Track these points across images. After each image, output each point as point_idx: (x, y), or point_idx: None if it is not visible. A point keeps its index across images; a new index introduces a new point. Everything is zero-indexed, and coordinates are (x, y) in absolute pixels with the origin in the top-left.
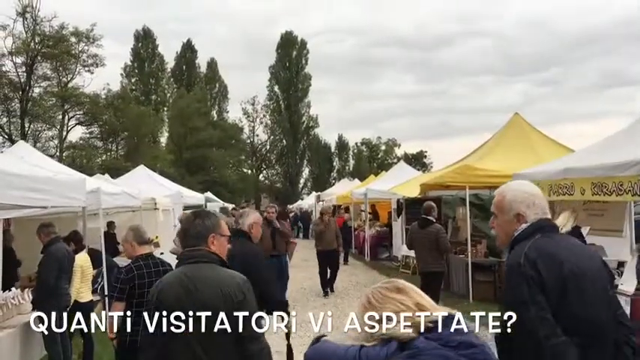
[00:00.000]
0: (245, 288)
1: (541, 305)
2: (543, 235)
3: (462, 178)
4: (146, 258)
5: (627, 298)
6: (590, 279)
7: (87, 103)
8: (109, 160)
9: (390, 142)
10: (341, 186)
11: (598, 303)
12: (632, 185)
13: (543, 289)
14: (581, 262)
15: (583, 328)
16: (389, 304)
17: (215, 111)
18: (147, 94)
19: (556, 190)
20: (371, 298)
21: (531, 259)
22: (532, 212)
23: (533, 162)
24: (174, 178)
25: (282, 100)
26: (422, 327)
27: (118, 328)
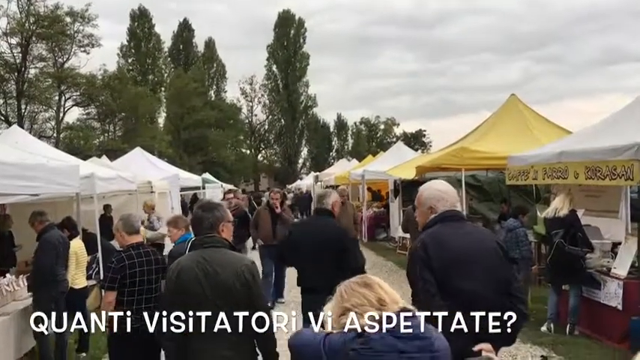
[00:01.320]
0: (253, 269)
1: (426, 280)
2: (443, 224)
3: (458, 160)
4: (137, 247)
5: (620, 282)
6: (474, 259)
7: (83, 84)
8: (106, 141)
9: (389, 121)
10: (339, 166)
11: (479, 278)
12: (626, 170)
13: (431, 267)
14: (468, 246)
15: (464, 297)
16: (354, 298)
17: (213, 91)
18: (144, 74)
19: (550, 173)
20: (342, 291)
21: (424, 244)
22: (441, 205)
23: (529, 143)
24: (172, 159)
25: (281, 79)
26: (379, 319)
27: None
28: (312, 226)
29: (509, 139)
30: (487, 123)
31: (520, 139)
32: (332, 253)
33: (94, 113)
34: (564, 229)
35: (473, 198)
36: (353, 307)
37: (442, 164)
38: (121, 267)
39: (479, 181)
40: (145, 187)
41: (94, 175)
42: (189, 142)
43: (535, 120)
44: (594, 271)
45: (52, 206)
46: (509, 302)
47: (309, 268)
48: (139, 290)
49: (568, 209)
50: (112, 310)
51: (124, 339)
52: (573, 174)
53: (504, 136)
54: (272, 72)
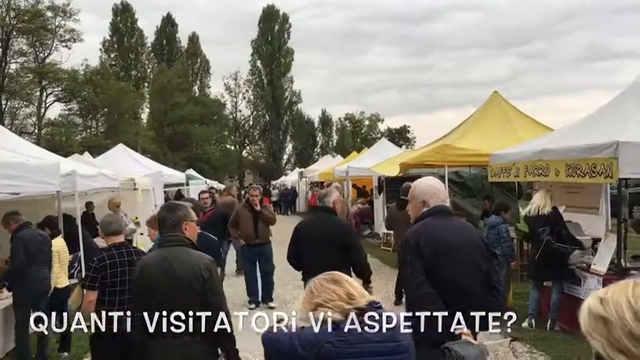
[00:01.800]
0: (211, 267)
1: (416, 267)
2: (434, 217)
3: (441, 157)
4: (119, 247)
5: (600, 278)
6: (460, 251)
7: (65, 79)
8: (88, 138)
9: (373, 117)
10: (324, 162)
11: (464, 269)
12: (605, 167)
13: (421, 256)
14: (455, 239)
15: (450, 285)
16: (324, 293)
17: (197, 86)
18: (126, 70)
19: (532, 170)
20: (312, 288)
21: (416, 235)
22: (433, 200)
23: (511, 140)
24: (155, 155)
25: (265, 75)
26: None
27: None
28: (315, 224)
29: (491, 136)
30: (470, 120)
31: (502, 136)
32: (336, 249)
33: (76, 109)
34: (550, 226)
35: (456, 194)
36: (324, 302)
37: (426, 161)
38: (102, 266)
39: (462, 178)
40: (127, 184)
41: (75, 172)
42: (173, 138)
43: (517, 117)
44: (575, 267)
45: (33, 204)
46: (490, 293)
47: (314, 265)
48: (120, 290)
49: (550, 206)
50: (94, 310)
51: (106, 339)
52: (554, 171)
53: (487, 133)
54: (256, 67)
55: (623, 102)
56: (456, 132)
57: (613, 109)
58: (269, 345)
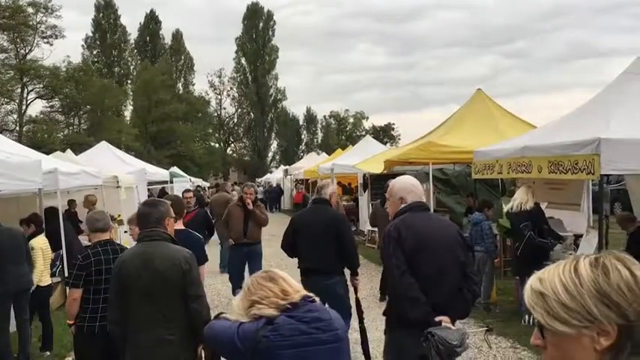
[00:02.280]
0: (190, 260)
1: (398, 257)
2: (412, 213)
3: (426, 154)
4: (104, 244)
5: None
6: (439, 244)
7: (46, 76)
8: (71, 135)
9: (358, 114)
10: (309, 160)
11: (443, 260)
12: (587, 164)
13: (403, 247)
14: (434, 232)
15: (429, 275)
16: (260, 291)
17: (181, 84)
18: (109, 67)
19: (515, 167)
20: (249, 286)
21: (397, 228)
22: (410, 197)
23: (494, 138)
24: (139, 153)
25: (250, 72)
26: (282, 308)
27: (78, 314)
28: (311, 214)
29: (475, 133)
30: (454, 117)
31: (486, 133)
32: (330, 238)
33: (58, 106)
34: (531, 222)
35: (440, 191)
36: (260, 299)
37: (410, 158)
38: (87, 264)
39: (446, 175)
40: (110, 181)
41: (57, 170)
42: (157, 135)
43: (500, 114)
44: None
45: (15, 202)
46: (465, 282)
47: (310, 253)
48: (105, 288)
49: (532, 202)
50: (77, 308)
51: (90, 337)
52: (537, 168)
53: (470, 130)
54: (241, 65)
55: (605, 99)
56: (440, 129)
57: (595, 106)
58: (212, 339)
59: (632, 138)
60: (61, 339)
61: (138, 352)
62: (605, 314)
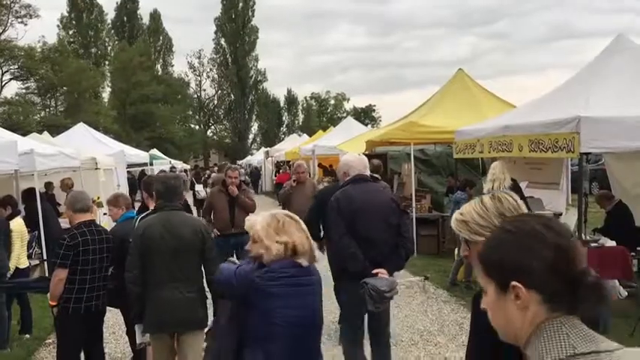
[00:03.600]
0: (207, 227)
1: (338, 223)
2: (353, 184)
3: (407, 134)
4: (89, 225)
5: None
6: (373, 209)
7: (21, 56)
8: (47, 117)
9: (339, 96)
10: (290, 141)
11: (377, 222)
12: (567, 142)
13: (342, 214)
14: (369, 200)
15: (365, 235)
16: (288, 236)
17: (159, 65)
18: (86, 47)
19: (496, 146)
20: (284, 222)
21: (337, 198)
22: (352, 171)
23: (475, 117)
24: (118, 135)
25: (229, 53)
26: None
27: (61, 295)
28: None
29: (456, 113)
30: (435, 98)
31: (467, 113)
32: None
33: (34, 87)
34: None
35: (421, 171)
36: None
37: (391, 139)
38: (75, 244)
39: (427, 155)
40: (89, 163)
41: (33, 151)
42: (136, 117)
43: (481, 94)
44: None
45: None
46: (400, 240)
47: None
48: (91, 269)
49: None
50: (62, 288)
51: (75, 317)
52: (517, 147)
53: (452, 110)
54: (220, 46)
55: (585, 78)
56: (422, 109)
57: (575, 84)
58: (219, 279)
59: (611, 116)
60: (41, 322)
61: (162, 308)
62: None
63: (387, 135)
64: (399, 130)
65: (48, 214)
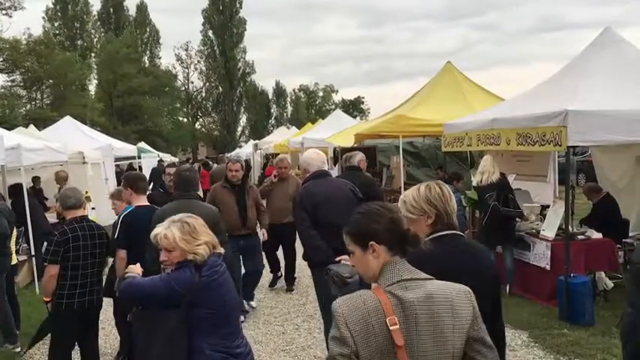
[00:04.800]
0: (218, 214)
1: (302, 217)
2: (314, 180)
3: (396, 127)
4: (80, 221)
5: (548, 243)
6: (332, 200)
7: (6, 49)
8: (33, 110)
9: (328, 88)
10: (278, 134)
11: (337, 213)
12: (554, 136)
13: (305, 209)
14: (328, 193)
15: (327, 226)
16: (205, 236)
17: (147, 57)
18: (72, 40)
19: (484, 140)
20: (195, 227)
21: (300, 195)
22: (311, 167)
23: (463, 110)
24: (105, 128)
25: (217, 45)
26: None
27: (55, 291)
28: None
29: (444, 106)
30: (423, 90)
31: (455, 106)
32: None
33: (19, 80)
34: (496, 192)
35: (410, 164)
36: (204, 242)
37: (380, 131)
38: (65, 240)
39: (416, 148)
40: (76, 157)
41: (20, 146)
42: (123, 110)
43: (470, 87)
44: (524, 234)
45: None
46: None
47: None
48: (83, 265)
49: (498, 172)
50: (55, 284)
51: (68, 313)
52: (505, 140)
53: (440, 103)
54: (208, 37)
55: (572, 71)
56: (410, 102)
57: (563, 78)
58: (144, 295)
59: (598, 110)
60: (29, 318)
61: None
62: (429, 209)
63: (376, 128)
64: (388, 122)
65: (34, 209)
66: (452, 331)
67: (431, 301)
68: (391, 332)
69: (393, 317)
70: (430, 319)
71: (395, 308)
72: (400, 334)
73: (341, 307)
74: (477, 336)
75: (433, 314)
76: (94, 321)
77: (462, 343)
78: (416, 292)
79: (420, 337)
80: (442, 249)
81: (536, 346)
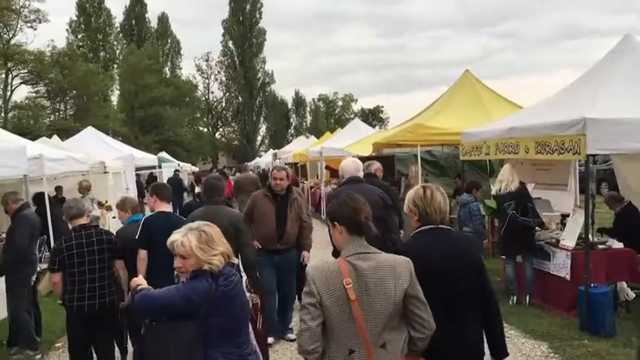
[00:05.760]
0: (242, 218)
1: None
2: (347, 185)
3: (414, 136)
4: (79, 229)
5: (568, 253)
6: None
7: (31, 60)
8: (57, 121)
9: (347, 97)
10: (297, 143)
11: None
12: (573, 144)
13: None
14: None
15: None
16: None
17: (168, 68)
18: (95, 51)
19: (502, 148)
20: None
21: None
22: (346, 174)
23: (482, 118)
24: (126, 138)
25: (237, 55)
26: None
27: (63, 296)
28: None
29: (463, 114)
30: (442, 99)
31: (473, 114)
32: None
33: (44, 91)
34: (515, 201)
35: (429, 173)
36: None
37: (398, 140)
38: (59, 249)
39: (434, 157)
40: (97, 167)
41: (42, 156)
42: (145, 120)
43: (488, 95)
44: (544, 243)
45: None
46: (387, 232)
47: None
48: (80, 271)
49: (517, 181)
50: (61, 291)
51: (78, 314)
52: (524, 149)
53: (458, 111)
54: (228, 48)
55: (591, 79)
56: (428, 111)
57: (581, 86)
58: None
59: (617, 117)
60: (50, 325)
61: None
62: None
63: (394, 137)
64: (406, 131)
65: (56, 218)
66: (393, 289)
67: (378, 268)
68: (346, 289)
69: (348, 279)
70: (377, 280)
71: (350, 272)
72: (352, 290)
73: (311, 270)
74: (413, 293)
75: (380, 277)
76: (105, 324)
77: (400, 298)
78: (367, 262)
79: (368, 293)
80: (421, 241)
81: (555, 357)
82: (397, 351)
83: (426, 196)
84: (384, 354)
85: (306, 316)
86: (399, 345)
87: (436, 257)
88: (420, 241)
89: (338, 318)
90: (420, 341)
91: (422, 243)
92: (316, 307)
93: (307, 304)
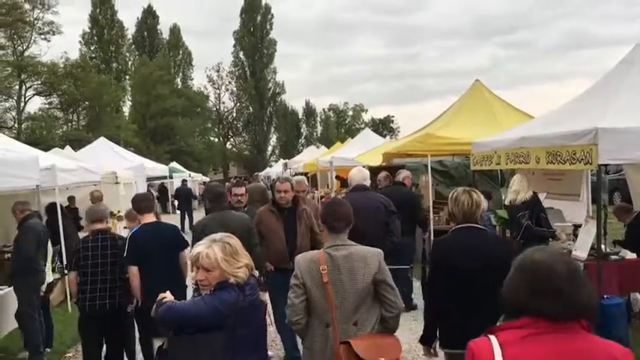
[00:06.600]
0: (250, 222)
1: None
2: (352, 192)
3: (424, 146)
4: (96, 233)
5: (580, 264)
6: (364, 210)
7: (44, 72)
8: (70, 131)
9: (357, 107)
10: (308, 153)
11: (367, 220)
12: (585, 154)
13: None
14: (362, 203)
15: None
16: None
17: (179, 78)
18: (107, 62)
19: (513, 158)
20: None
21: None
22: (353, 182)
23: (492, 128)
24: (138, 148)
25: (248, 66)
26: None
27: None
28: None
29: (473, 124)
30: (452, 109)
31: (484, 124)
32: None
33: (57, 102)
34: (529, 211)
35: (440, 183)
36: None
37: (408, 150)
38: (76, 250)
39: (445, 167)
40: (109, 177)
41: (54, 166)
42: (156, 130)
43: (498, 105)
44: None
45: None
46: (388, 235)
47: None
48: (93, 272)
49: (530, 191)
50: (75, 288)
51: (89, 314)
52: (535, 158)
53: (469, 121)
54: (239, 59)
55: (603, 88)
56: (439, 121)
57: (593, 95)
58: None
59: (630, 127)
60: (61, 335)
61: None
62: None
63: (404, 147)
64: (416, 141)
65: (68, 228)
66: (362, 275)
67: (350, 257)
68: (322, 273)
69: (324, 266)
70: (349, 267)
71: (327, 260)
72: (327, 275)
73: (298, 259)
74: (381, 278)
75: (352, 265)
76: (116, 325)
77: (369, 282)
78: (341, 252)
79: (340, 277)
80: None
81: None
82: (367, 328)
83: (452, 198)
84: (354, 330)
85: (292, 294)
86: (371, 323)
87: (456, 251)
88: (448, 238)
89: (317, 297)
90: (391, 319)
91: (446, 239)
92: (300, 288)
93: (293, 285)
